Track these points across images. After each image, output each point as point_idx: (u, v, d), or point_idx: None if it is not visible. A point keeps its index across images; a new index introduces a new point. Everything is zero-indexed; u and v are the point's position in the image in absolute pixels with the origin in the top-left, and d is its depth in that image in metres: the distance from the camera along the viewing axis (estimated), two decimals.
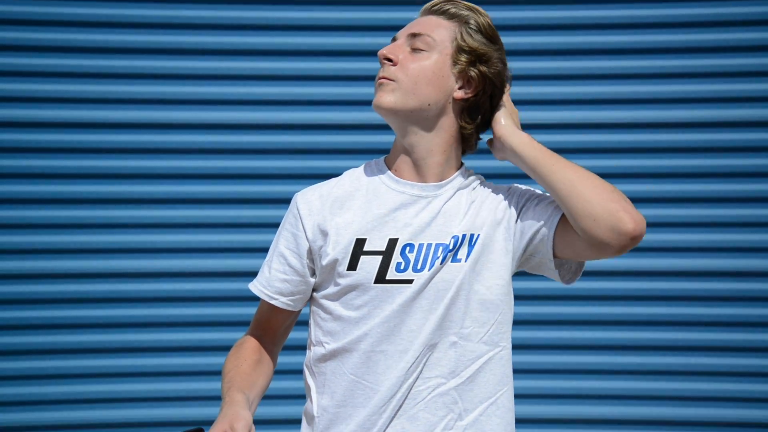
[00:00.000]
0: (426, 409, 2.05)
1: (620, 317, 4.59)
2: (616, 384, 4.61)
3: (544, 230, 2.08)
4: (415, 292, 2.06)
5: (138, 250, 4.54)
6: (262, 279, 2.18)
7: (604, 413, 4.65)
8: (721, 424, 4.65)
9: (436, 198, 2.12)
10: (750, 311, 4.56)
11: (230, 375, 2.10)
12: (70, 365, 4.59)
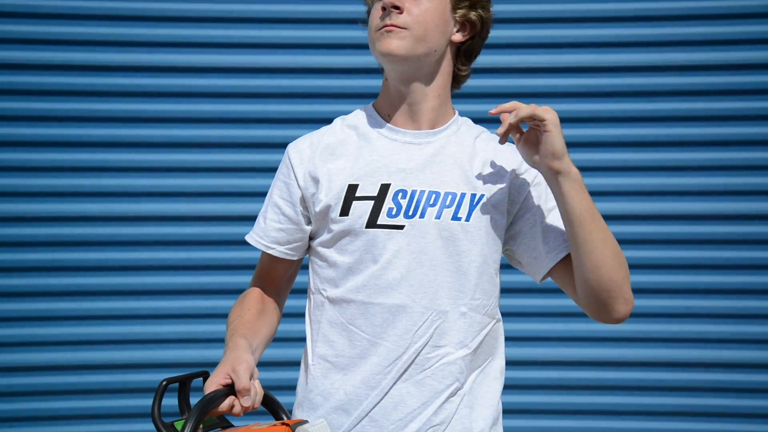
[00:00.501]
0: (433, 376, 2.05)
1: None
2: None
3: (541, 251, 2.10)
4: (408, 238, 2.05)
5: (141, 193, 4.63)
6: (258, 230, 2.20)
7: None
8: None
9: (429, 144, 2.12)
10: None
11: (233, 324, 2.10)
12: (71, 307, 4.63)
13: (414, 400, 2.04)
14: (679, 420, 4.70)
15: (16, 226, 4.66)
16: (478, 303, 2.08)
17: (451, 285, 2.06)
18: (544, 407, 4.70)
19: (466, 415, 2.07)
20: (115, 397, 4.74)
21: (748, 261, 4.58)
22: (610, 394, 4.71)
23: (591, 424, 4.75)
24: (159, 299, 4.71)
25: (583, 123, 4.63)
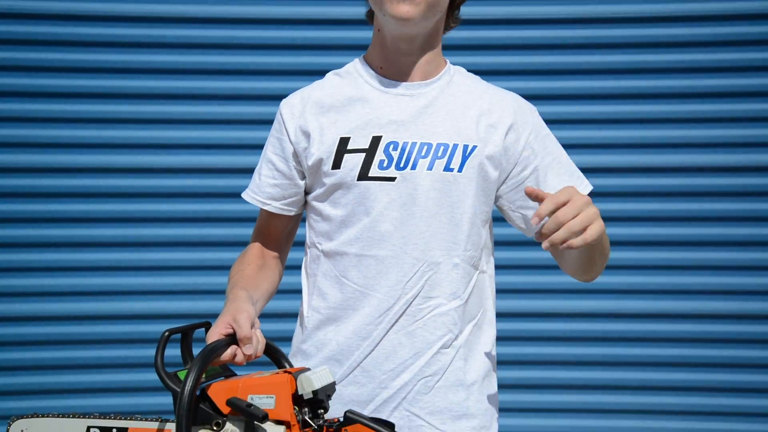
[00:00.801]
0: (425, 327, 2.05)
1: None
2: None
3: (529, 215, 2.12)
4: (399, 190, 2.05)
5: (142, 145, 4.69)
6: (254, 186, 2.21)
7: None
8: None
9: (422, 96, 2.11)
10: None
11: (234, 278, 2.12)
12: (73, 258, 4.70)
13: (406, 350, 2.05)
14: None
15: (15, 177, 4.69)
16: (469, 254, 2.09)
17: (444, 236, 2.06)
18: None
19: (460, 367, 2.09)
20: (117, 348, 4.79)
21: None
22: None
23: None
24: (161, 251, 4.75)
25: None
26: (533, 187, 1.83)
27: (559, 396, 4.84)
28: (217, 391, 1.82)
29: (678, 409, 4.80)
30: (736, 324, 4.79)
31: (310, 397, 1.82)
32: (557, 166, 2.14)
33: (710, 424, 4.79)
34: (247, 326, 1.89)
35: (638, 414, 4.82)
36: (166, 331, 1.90)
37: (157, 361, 1.86)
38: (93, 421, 2.00)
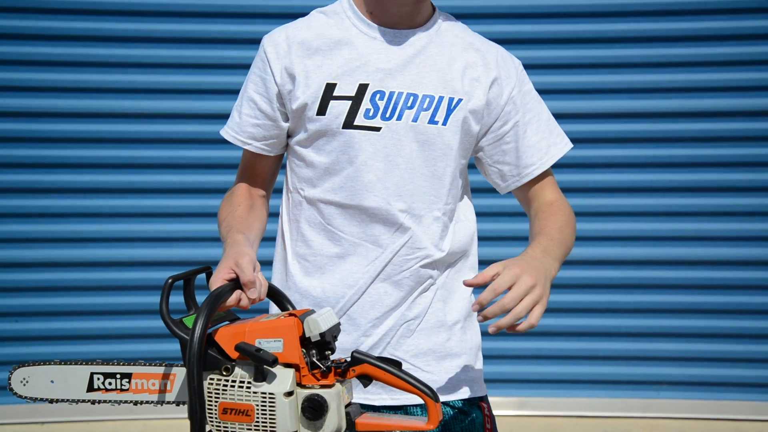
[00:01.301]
0: (411, 277, 2.05)
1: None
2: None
3: (506, 170, 2.13)
4: (384, 141, 2.03)
5: (139, 90, 4.72)
6: (233, 124, 2.15)
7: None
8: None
9: (410, 45, 2.07)
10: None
11: (227, 221, 2.08)
12: (75, 204, 4.76)
13: (391, 299, 2.05)
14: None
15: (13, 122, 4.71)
16: (449, 207, 2.08)
17: (427, 189, 2.05)
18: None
19: (440, 308, 2.09)
20: (117, 294, 4.82)
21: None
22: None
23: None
24: (161, 198, 4.77)
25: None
26: (471, 280, 1.84)
27: (555, 343, 4.88)
28: (224, 336, 1.82)
29: (677, 356, 4.85)
30: (737, 270, 4.82)
31: (318, 340, 1.82)
32: (537, 122, 2.12)
33: (710, 370, 4.84)
34: (250, 270, 1.88)
35: (636, 360, 4.87)
36: (169, 278, 1.88)
37: (162, 309, 1.85)
38: (96, 368, 1.99)
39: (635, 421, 4.75)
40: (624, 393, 4.84)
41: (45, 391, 2.01)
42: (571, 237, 2.07)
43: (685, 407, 4.79)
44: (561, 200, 2.14)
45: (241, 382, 1.80)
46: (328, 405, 1.80)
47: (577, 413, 4.82)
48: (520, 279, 1.81)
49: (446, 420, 2.09)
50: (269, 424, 1.80)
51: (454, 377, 2.10)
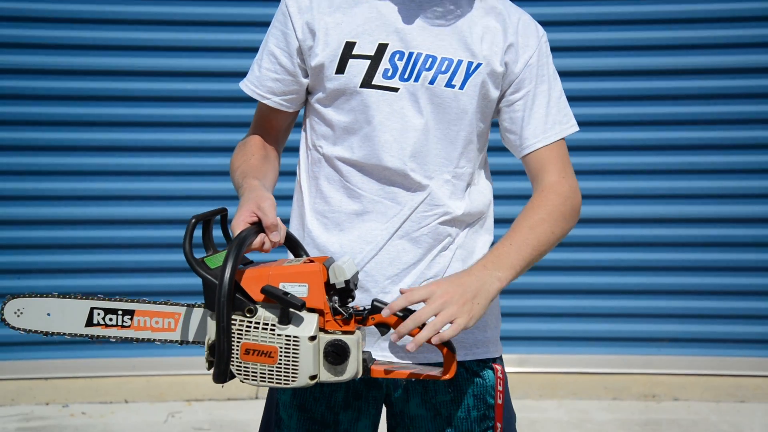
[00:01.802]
0: (429, 234, 2.06)
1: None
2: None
3: (519, 135, 2.09)
4: (401, 102, 2.03)
5: (150, 47, 4.74)
6: (253, 78, 2.14)
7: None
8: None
9: (430, 7, 2.05)
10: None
11: (241, 168, 2.09)
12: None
13: (409, 256, 2.05)
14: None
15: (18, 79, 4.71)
16: (462, 171, 2.08)
17: (439, 152, 2.05)
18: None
19: (459, 268, 2.07)
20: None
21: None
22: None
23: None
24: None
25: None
26: (393, 305, 1.86)
27: (555, 300, 4.90)
28: (248, 278, 1.84)
29: (676, 312, 4.87)
30: (737, 228, 4.83)
31: (342, 287, 1.85)
32: (547, 97, 2.09)
33: (709, 327, 4.87)
34: (272, 213, 1.89)
35: (636, 317, 4.89)
36: (192, 218, 1.88)
37: (186, 249, 1.85)
38: (97, 302, 1.96)
39: (635, 378, 4.79)
40: (624, 350, 4.88)
41: (40, 323, 1.97)
42: (550, 231, 2.02)
43: (685, 363, 4.82)
44: (559, 185, 2.08)
45: (266, 324, 1.82)
46: (349, 351, 1.83)
47: (577, 370, 4.85)
48: (432, 297, 1.84)
49: (458, 381, 2.09)
50: (291, 367, 1.82)
51: (470, 337, 2.10)
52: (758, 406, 4.49)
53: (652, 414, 4.39)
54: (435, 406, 2.10)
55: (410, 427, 2.12)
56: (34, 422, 4.27)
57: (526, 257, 1.97)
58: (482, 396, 2.10)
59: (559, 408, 4.47)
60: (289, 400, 2.13)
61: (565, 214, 2.05)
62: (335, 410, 2.11)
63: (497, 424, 2.11)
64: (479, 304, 1.88)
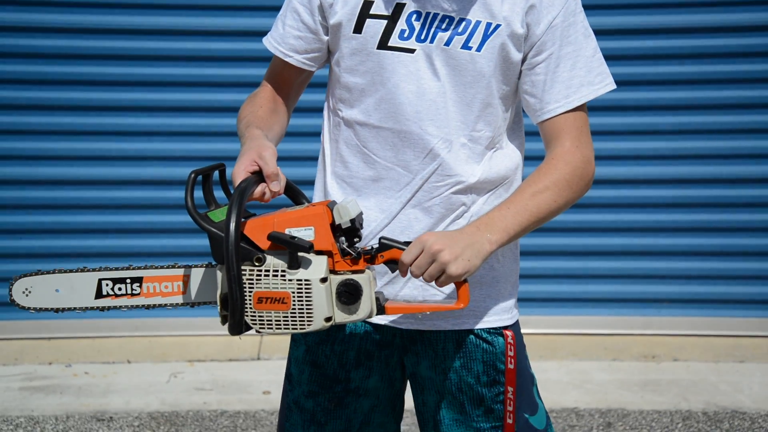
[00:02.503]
0: (441, 204, 2.04)
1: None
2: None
3: (539, 99, 2.04)
4: (417, 63, 2.01)
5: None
6: (276, 35, 2.14)
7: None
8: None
9: None
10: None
11: (248, 118, 2.08)
12: (83, 122, 4.79)
13: (421, 225, 2.04)
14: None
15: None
16: (480, 135, 2.04)
17: (455, 115, 2.02)
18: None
19: None
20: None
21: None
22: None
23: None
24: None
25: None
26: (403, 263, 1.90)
27: (555, 262, 4.92)
28: (252, 228, 1.84)
29: (676, 273, 4.88)
30: (737, 188, 4.83)
31: (348, 226, 1.86)
32: (575, 58, 2.02)
33: (709, 288, 4.89)
34: (273, 162, 1.89)
35: (636, 279, 4.91)
36: (191, 172, 1.87)
37: (188, 204, 1.84)
38: (104, 273, 1.95)
39: (635, 338, 4.81)
40: (624, 311, 4.90)
41: (50, 300, 1.96)
42: (552, 200, 1.99)
43: (684, 324, 4.84)
44: (571, 153, 2.03)
45: (275, 270, 1.82)
46: (362, 289, 1.84)
47: (577, 331, 4.87)
48: (426, 245, 1.87)
49: (468, 348, 2.10)
50: (306, 310, 1.83)
51: (482, 306, 2.10)
52: (757, 366, 4.52)
53: (652, 374, 4.42)
54: (444, 371, 2.11)
55: (423, 387, 2.14)
56: (37, 381, 4.30)
57: (522, 222, 1.96)
58: (492, 362, 2.11)
59: (560, 369, 4.49)
60: (302, 355, 2.15)
61: (572, 184, 2.01)
62: (347, 368, 2.13)
63: (508, 388, 2.11)
64: (470, 261, 1.88)
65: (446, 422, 2.13)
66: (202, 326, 4.71)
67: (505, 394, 2.11)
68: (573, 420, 3.98)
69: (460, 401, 2.11)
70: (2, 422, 3.89)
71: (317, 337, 2.13)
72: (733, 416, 3.98)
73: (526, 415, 2.14)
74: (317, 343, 2.13)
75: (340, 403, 2.14)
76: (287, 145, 2.31)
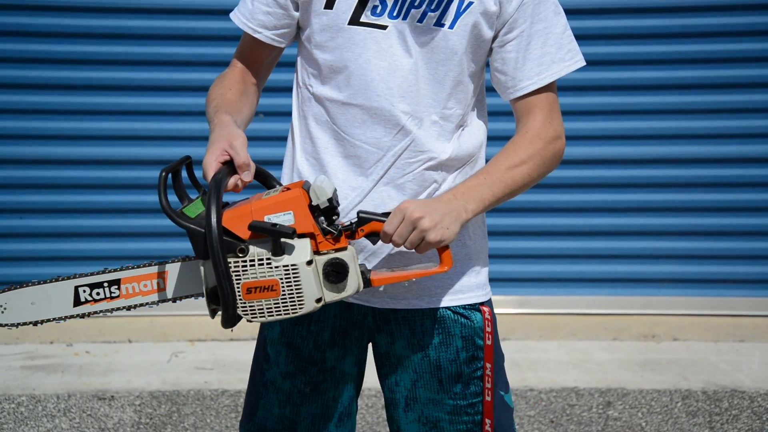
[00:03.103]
0: (414, 180, 2.04)
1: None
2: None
3: (510, 77, 2.04)
4: (389, 40, 1.99)
5: None
6: (245, 10, 2.11)
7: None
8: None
9: None
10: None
11: (216, 102, 2.05)
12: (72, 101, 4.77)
13: (394, 202, 2.02)
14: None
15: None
16: (451, 113, 2.04)
17: (427, 92, 2.01)
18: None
19: None
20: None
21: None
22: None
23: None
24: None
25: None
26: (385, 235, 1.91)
27: (555, 242, 4.91)
28: (232, 219, 1.83)
29: (676, 253, 4.89)
30: (737, 168, 4.83)
31: (326, 206, 1.86)
32: (545, 35, 2.01)
33: (708, 267, 4.89)
34: (244, 152, 1.87)
35: (635, 258, 4.91)
36: (162, 171, 1.86)
37: (162, 203, 1.82)
38: (80, 280, 1.91)
39: (635, 318, 4.82)
40: (624, 291, 4.90)
41: (27, 314, 1.92)
42: (526, 174, 2.01)
43: (684, 304, 4.85)
44: (543, 128, 2.04)
45: (260, 259, 1.82)
46: (348, 266, 1.85)
47: (577, 311, 4.88)
48: (406, 213, 1.88)
49: (446, 324, 2.11)
50: (296, 294, 1.83)
51: (457, 282, 2.11)
52: (757, 345, 4.52)
53: (652, 354, 4.43)
54: (422, 348, 2.11)
55: (397, 366, 2.13)
56: (38, 360, 4.31)
57: (497, 194, 1.98)
58: (471, 337, 2.11)
59: (560, 349, 4.50)
60: (277, 336, 2.15)
61: (546, 159, 2.04)
62: (322, 348, 2.13)
63: (486, 365, 2.12)
64: (449, 228, 1.90)
65: (422, 401, 2.13)
66: (203, 306, 4.66)
67: (484, 371, 2.12)
68: (573, 399, 3.99)
69: (438, 378, 2.11)
70: (4, 400, 3.90)
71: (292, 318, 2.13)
72: (732, 395, 3.99)
73: (501, 393, 2.15)
74: (293, 324, 2.13)
75: (317, 389, 2.14)
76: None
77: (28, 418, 3.83)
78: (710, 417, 3.88)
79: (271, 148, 3.26)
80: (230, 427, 3.82)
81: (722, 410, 3.91)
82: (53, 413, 3.86)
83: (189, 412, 3.89)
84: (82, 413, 3.86)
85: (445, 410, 2.12)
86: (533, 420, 3.88)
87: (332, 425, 2.16)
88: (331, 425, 2.16)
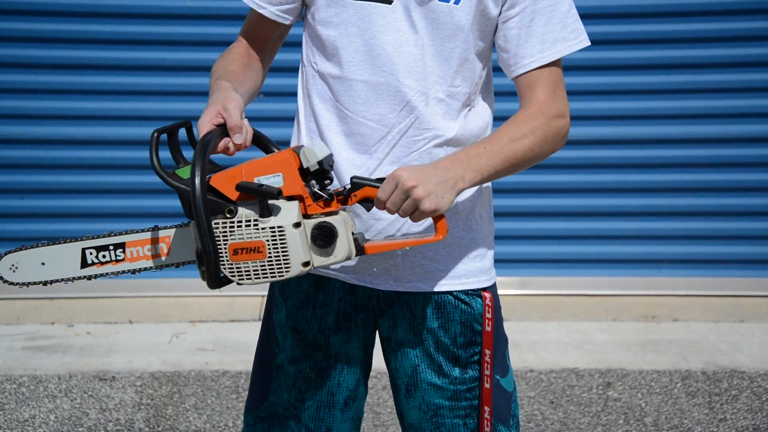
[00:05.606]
0: (420, 159, 2.01)
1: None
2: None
3: (512, 54, 2.02)
4: (395, 15, 1.98)
5: None
6: None
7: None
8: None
9: None
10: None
11: (218, 72, 2.06)
12: (70, 81, 4.76)
13: None
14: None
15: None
16: (458, 90, 2.02)
17: (433, 69, 1.99)
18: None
19: None
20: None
21: None
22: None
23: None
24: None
25: None
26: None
27: (556, 223, 4.91)
28: (220, 180, 1.83)
29: (676, 234, 4.89)
30: (738, 147, 4.82)
31: (316, 168, 1.85)
32: (550, 13, 1.99)
33: (709, 248, 4.89)
34: (237, 114, 1.86)
35: (636, 239, 4.91)
36: (154, 131, 1.87)
37: (153, 162, 1.83)
38: (87, 242, 1.96)
39: (635, 299, 4.82)
40: (624, 271, 4.90)
41: (37, 274, 1.98)
42: (528, 148, 1.97)
43: (684, 284, 4.85)
44: (547, 105, 2.02)
45: (248, 221, 1.82)
46: (336, 231, 1.83)
47: (578, 292, 4.88)
48: (400, 181, 1.85)
49: (446, 309, 2.10)
50: (282, 257, 1.82)
51: (460, 267, 2.10)
52: (756, 325, 4.53)
53: (652, 335, 4.43)
54: (422, 332, 2.11)
55: (398, 351, 2.14)
56: (39, 341, 4.32)
57: (496, 165, 1.95)
58: (469, 323, 2.11)
59: (560, 329, 4.51)
60: (283, 320, 2.15)
61: (548, 135, 2.00)
62: (326, 333, 2.13)
63: (485, 351, 2.11)
64: (443, 198, 1.87)
65: (423, 386, 2.13)
66: (204, 287, 4.67)
67: (482, 357, 2.11)
68: (573, 380, 4.00)
69: (438, 362, 2.11)
70: (5, 381, 3.91)
71: (297, 301, 2.13)
72: (732, 376, 4.00)
73: (497, 377, 2.14)
74: (297, 308, 2.13)
75: (321, 374, 2.14)
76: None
77: (29, 399, 3.85)
78: (710, 397, 3.89)
79: (277, 128, 3.26)
80: (231, 408, 3.83)
81: (722, 391, 3.92)
82: (54, 394, 3.87)
83: (190, 393, 3.90)
84: (83, 394, 3.87)
85: (445, 396, 2.12)
86: (533, 401, 3.89)
87: (337, 411, 2.16)
88: (336, 411, 2.16)
